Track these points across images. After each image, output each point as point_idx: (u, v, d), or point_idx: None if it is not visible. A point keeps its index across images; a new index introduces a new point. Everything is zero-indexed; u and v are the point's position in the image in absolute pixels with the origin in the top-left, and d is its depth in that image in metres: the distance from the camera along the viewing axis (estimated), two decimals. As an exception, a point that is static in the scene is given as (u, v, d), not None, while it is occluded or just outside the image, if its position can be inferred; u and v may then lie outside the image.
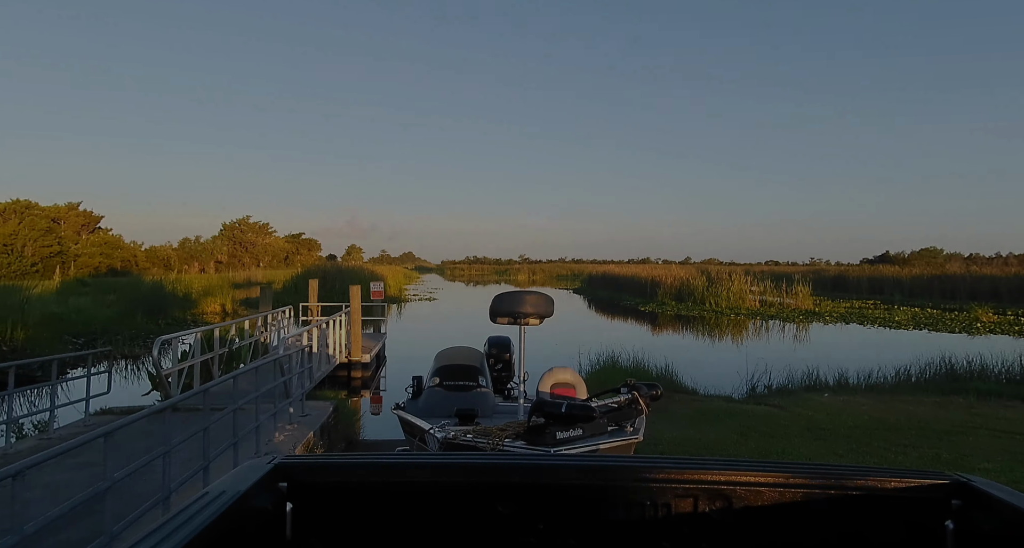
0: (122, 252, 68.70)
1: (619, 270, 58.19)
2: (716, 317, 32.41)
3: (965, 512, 1.41)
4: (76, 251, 62.47)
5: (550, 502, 1.51)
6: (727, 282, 37.52)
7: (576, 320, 33.70)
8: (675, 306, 37.36)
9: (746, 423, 9.02)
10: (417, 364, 9.90)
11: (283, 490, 1.48)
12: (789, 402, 10.69)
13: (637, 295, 44.10)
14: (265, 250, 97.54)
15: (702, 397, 11.69)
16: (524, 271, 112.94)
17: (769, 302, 36.17)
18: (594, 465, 1.59)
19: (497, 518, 1.50)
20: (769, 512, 1.48)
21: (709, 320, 31.04)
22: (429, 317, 34.51)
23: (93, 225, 73.05)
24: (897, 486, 1.47)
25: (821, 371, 13.03)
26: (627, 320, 32.43)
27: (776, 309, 34.58)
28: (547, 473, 1.55)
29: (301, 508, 1.49)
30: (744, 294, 36.41)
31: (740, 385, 13.06)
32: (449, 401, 5.34)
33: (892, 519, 1.47)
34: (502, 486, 1.51)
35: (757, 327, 28.07)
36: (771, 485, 1.47)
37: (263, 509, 1.41)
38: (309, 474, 1.52)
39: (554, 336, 23.67)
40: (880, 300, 42.45)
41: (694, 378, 12.99)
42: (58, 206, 70.26)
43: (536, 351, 17.71)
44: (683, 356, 14.72)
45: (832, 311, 33.81)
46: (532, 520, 1.51)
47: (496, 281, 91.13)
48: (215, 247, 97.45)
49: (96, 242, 66.55)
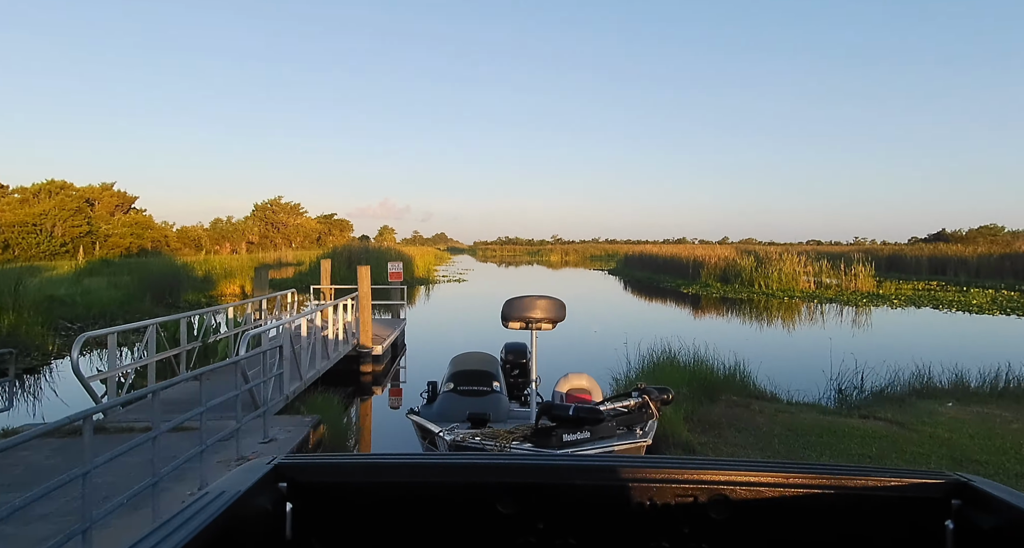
0: (152, 232, 68.26)
1: (656, 250, 55.27)
2: (766, 300, 29.72)
3: (965, 512, 1.39)
4: (107, 231, 62.09)
5: (550, 502, 1.50)
6: (777, 262, 34.62)
7: (615, 305, 31.33)
8: (720, 288, 34.67)
9: (864, 450, 6.71)
10: (441, 353, 9.56)
11: (283, 490, 1.47)
12: (905, 415, 8.31)
13: (678, 276, 41.38)
14: (297, 231, 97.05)
15: (786, 405, 9.35)
16: (557, 251, 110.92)
17: (825, 284, 33.22)
18: (594, 465, 1.58)
19: (497, 518, 1.49)
20: (769, 512, 1.48)
21: (760, 304, 28.38)
22: (456, 301, 32.50)
23: (127, 205, 72.92)
24: (897, 486, 1.46)
25: (925, 370, 10.57)
26: (670, 303, 29.91)
27: (834, 291, 31.65)
28: (547, 473, 1.53)
29: (301, 508, 1.48)
30: (797, 275, 33.51)
31: (826, 388, 10.67)
32: (463, 406, 5.26)
33: (892, 519, 1.46)
34: (502, 486, 1.50)
35: (817, 312, 25.37)
36: (771, 485, 1.46)
37: (263, 509, 1.40)
38: (309, 474, 1.51)
39: (595, 323, 21.59)
40: (943, 281, 39.10)
41: (769, 378, 10.66)
42: (92, 187, 70.20)
43: (572, 346, 14.28)
44: (748, 350, 12.33)
45: (898, 293, 30.78)
46: (532, 520, 1.50)
47: (528, 262, 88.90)
48: (246, 228, 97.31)
49: (127, 222, 66.16)
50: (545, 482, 1.51)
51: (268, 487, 1.43)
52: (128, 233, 63.89)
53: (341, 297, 13.21)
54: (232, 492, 1.28)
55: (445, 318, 24.37)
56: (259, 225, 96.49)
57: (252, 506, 1.33)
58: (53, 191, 64.50)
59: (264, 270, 12.76)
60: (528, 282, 47.96)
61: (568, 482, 1.51)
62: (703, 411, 8.63)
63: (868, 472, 1.52)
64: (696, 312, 26.03)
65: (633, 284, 42.09)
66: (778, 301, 28.98)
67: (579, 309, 26.92)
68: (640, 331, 16.69)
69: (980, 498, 1.38)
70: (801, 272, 33.72)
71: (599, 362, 13.87)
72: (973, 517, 1.38)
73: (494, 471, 1.54)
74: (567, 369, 6.59)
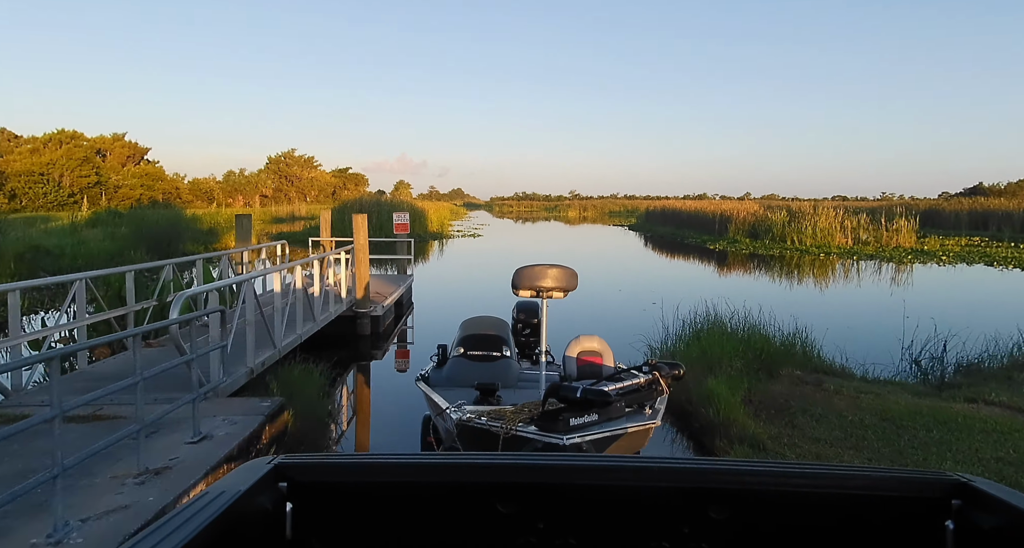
0: (164, 184, 66.99)
1: (680, 205, 52.87)
2: (800, 257, 27.80)
3: (965, 512, 1.38)
4: (116, 182, 60.86)
5: (550, 502, 1.50)
6: (811, 217, 32.43)
7: (639, 263, 29.59)
8: (750, 244, 32.67)
9: (1000, 453, 5.06)
10: (453, 312, 9.57)
11: (283, 490, 1.45)
12: (1022, 397, 6.63)
13: (703, 232, 39.30)
14: (311, 184, 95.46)
15: (863, 383, 7.70)
16: (574, 207, 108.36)
17: (864, 239, 31.07)
18: (595, 465, 1.56)
19: (497, 518, 1.48)
20: (769, 512, 1.47)
21: (794, 260, 26.47)
22: (470, 256, 30.89)
23: (139, 157, 71.57)
24: (897, 486, 1.46)
25: (1020, 337, 8.85)
26: (697, 260, 28.03)
27: (874, 247, 29.56)
28: (547, 473, 1.52)
29: (301, 508, 1.47)
30: (833, 230, 31.37)
31: (900, 360, 9.00)
32: (473, 370, 5.19)
33: (892, 519, 1.45)
34: (502, 486, 1.49)
35: (863, 270, 23.46)
36: (771, 485, 1.46)
37: (263, 509, 1.39)
38: (309, 474, 1.49)
39: (619, 283, 19.90)
40: (987, 236, 36.75)
41: (836, 348, 8.99)
42: (103, 137, 68.85)
43: (597, 310, 12.71)
44: (801, 313, 10.63)
45: (944, 249, 28.64)
46: (532, 520, 1.50)
47: (545, 217, 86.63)
48: (260, 181, 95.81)
49: (137, 174, 64.88)
50: (545, 482, 1.50)
51: (268, 487, 1.42)
52: (138, 184, 62.64)
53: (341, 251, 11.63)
54: (232, 492, 1.28)
55: (458, 274, 22.80)
56: (273, 178, 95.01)
57: (252, 506, 1.33)
58: (63, 141, 63.21)
59: (246, 219, 11.17)
60: (546, 241, 46.17)
61: (568, 482, 1.50)
62: (763, 390, 7.03)
63: (868, 472, 1.59)
64: (727, 270, 24.20)
65: (655, 240, 40.04)
66: (813, 258, 27.03)
67: (601, 268, 25.32)
68: (671, 291, 15.01)
69: (980, 498, 1.37)
70: (837, 227, 31.56)
71: (630, 328, 12.25)
72: (973, 517, 1.36)
73: (494, 471, 1.53)
74: (593, 334, 6.16)
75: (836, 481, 1.46)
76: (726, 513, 1.45)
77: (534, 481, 1.49)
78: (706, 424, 6.34)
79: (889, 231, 31.21)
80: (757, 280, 20.57)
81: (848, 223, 31.65)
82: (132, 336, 4.14)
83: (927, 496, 1.42)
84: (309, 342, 9.33)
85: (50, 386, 3.11)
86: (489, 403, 4.58)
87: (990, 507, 1.33)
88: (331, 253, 11.04)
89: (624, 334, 11.74)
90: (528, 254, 30.94)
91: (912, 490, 1.44)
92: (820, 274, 22.35)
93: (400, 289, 13.90)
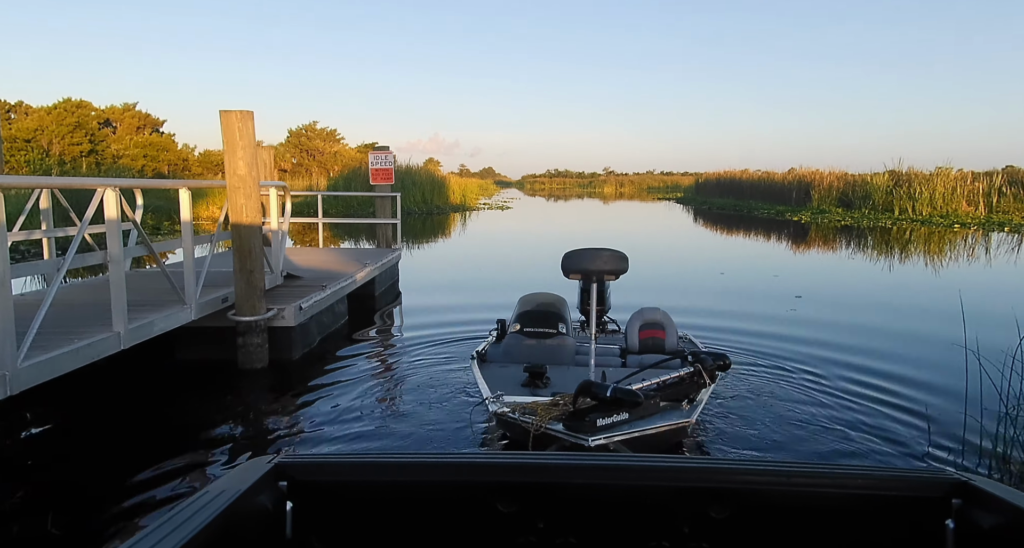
0: (170, 155, 62.40)
1: (739, 174, 45.92)
2: (921, 229, 21.37)
3: (966, 512, 1.37)
4: (116, 151, 56.37)
5: (550, 502, 1.49)
6: (928, 180, 25.70)
7: (709, 240, 23.43)
8: (843, 214, 26.19)
9: None
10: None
11: (283, 490, 1.45)
12: None
13: (776, 202, 32.71)
14: (335, 159, 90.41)
15: None
16: (611, 183, 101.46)
17: (997, 207, 24.32)
18: (595, 465, 1.54)
19: (497, 518, 1.48)
20: (769, 512, 1.47)
21: (920, 234, 20.06)
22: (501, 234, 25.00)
23: (151, 128, 67.26)
24: (897, 486, 1.45)
25: None
26: (782, 238, 21.60)
27: (1020, 216, 22.84)
28: (547, 473, 1.51)
29: (301, 508, 1.46)
30: (958, 196, 24.65)
31: None
32: (527, 348, 5.06)
33: (892, 519, 1.44)
34: (502, 485, 1.48)
35: (1013, 246, 17.04)
36: (771, 485, 1.45)
37: (263, 509, 1.38)
38: (309, 473, 1.49)
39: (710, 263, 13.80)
40: None
41: None
42: (114, 107, 64.32)
43: (698, 299, 9.36)
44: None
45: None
46: (532, 520, 1.49)
47: (579, 195, 79.12)
48: (278, 154, 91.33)
49: (140, 143, 60.38)
50: (545, 482, 1.50)
51: (268, 486, 1.41)
52: (140, 155, 58.02)
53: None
54: (232, 491, 1.28)
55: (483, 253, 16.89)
56: (292, 151, 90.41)
57: (252, 505, 1.33)
58: (70, 109, 58.98)
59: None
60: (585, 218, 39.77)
61: (568, 482, 1.50)
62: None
63: (868, 472, 1.57)
64: (831, 247, 17.85)
65: (712, 216, 32.84)
66: (942, 230, 20.58)
67: (668, 247, 19.22)
68: (773, 277, 9.06)
69: (981, 498, 1.36)
70: (962, 191, 24.82)
71: (800, 347, 6.23)
72: (974, 517, 1.35)
73: (494, 471, 1.52)
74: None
75: (836, 481, 1.46)
76: (726, 513, 1.44)
77: (534, 481, 1.49)
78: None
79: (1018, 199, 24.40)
80: (913, 262, 14.31)
81: (980, 185, 24.85)
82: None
83: (927, 496, 1.41)
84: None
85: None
86: (536, 386, 4.39)
87: (991, 506, 1.32)
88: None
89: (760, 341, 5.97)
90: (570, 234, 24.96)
91: (912, 490, 1.43)
92: (963, 252, 15.92)
93: (365, 270, 8.14)
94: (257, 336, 5.42)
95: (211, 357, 5.63)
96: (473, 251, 16.69)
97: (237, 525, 1.23)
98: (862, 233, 20.59)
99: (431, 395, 5.08)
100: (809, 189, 30.45)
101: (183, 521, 1.12)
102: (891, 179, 27.10)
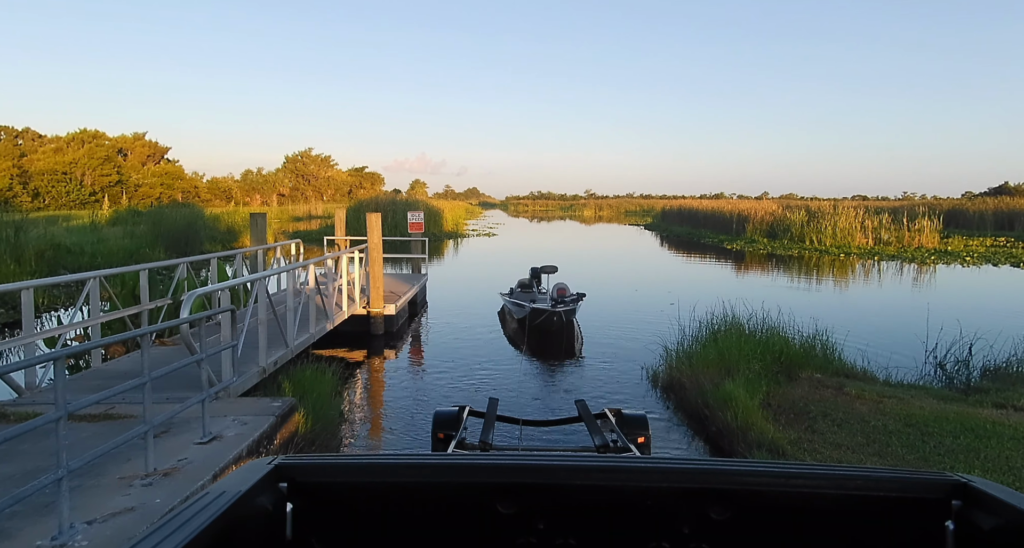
0: (183, 183, 67.75)
1: (696, 204, 52.38)
2: (820, 257, 27.43)
3: (965, 513, 1.38)
4: (137, 181, 61.58)
5: (550, 502, 1.50)
6: (831, 216, 31.99)
7: (655, 262, 29.35)
8: (768, 244, 32.31)
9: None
10: (468, 311, 13.96)
11: (283, 490, 1.45)
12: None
13: (720, 231, 38.98)
14: (328, 183, 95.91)
15: (885, 387, 7.51)
16: (590, 206, 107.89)
17: (885, 240, 30.59)
18: (595, 465, 1.56)
19: (497, 518, 1.48)
20: (769, 512, 1.47)
21: (813, 261, 26.12)
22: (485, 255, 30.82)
23: (159, 156, 72.42)
24: (897, 486, 1.45)
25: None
26: (714, 261, 27.71)
27: (895, 248, 29.10)
28: (547, 473, 1.52)
29: (301, 508, 1.47)
30: (853, 230, 30.92)
31: (925, 364, 8.77)
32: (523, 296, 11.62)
33: (892, 519, 1.45)
34: (502, 486, 1.49)
35: (881, 271, 23.07)
36: (771, 485, 1.45)
37: (263, 509, 1.38)
38: (309, 474, 1.49)
39: (635, 281, 19.76)
40: (1012, 237, 36.00)
41: (856, 351, 8.81)
42: (124, 136, 69.72)
43: (615, 309, 16.08)
44: (820, 315, 10.45)
45: (968, 250, 28.11)
46: (532, 520, 1.49)
47: (560, 217, 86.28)
48: (277, 179, 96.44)
49: (157, 172, 65.67)
50: (545, 482, 1.49)
51: (268, 487, 1.41)
52: (158, 183, 63.41)
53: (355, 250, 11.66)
54: (232, 492, 1.28)
55: (473, 273, 22.73)
56: (290, 177, 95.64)
57: (252, 506, 1.33)
58: (85, 140, 64.03)
59: (261, 218, 11.16)
60: (561, 240, 45.98)
61: (568, 482, 1.49)
62: (782, 394, 6.88)
63: (868, 472, 1.54)
64: (745, 270, 23.91)
65: (672, 240, 39.73)
66: (832, 258, 26.65)
67: (618, 267, 25.18)
68: (687, 292, 14.84)
69: (980, 499, 1.36)
70: (857, 227, 31.10)
71: (647, 329, 12.09)
72: (974, 518, 1.36)
73: (494, 471, 1.53)
74: (610, 335, 11.39)
75: (836, 482, 1.46)
76: (727, 513, 1.45)
77: (534, 481, 1.49)
78: (723, 428, 6.21)
79: (911, 231, 30.70)
80: (775, 281, 20.28)
81: (869, 223, 31.19)
82: (142, 335, 4.10)
83: (927, 497, 1.42)
84: (322, 341, 9.30)
85: (55, 387, 3.06)
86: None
87: (990, 507, 1.32)
88: (344, 252, 11.02)
89: (641, 335, 11.62)
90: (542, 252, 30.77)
91: (912, 491, 1.44)
92: (840, 275, 22.01)
93: (414, 288, 13.86)
94: (380, 318, 11.17)
95: (358, 330, 11.34)
96: (469, 270, 22.52)
97: (238, 526, 1.24)
98: (779, 259, 26.61)
99: (462, 343, 10.88)
100: (745, 222, 36.67)
101: (184, 522, 1.13)
102: (806, 215, 33.38)
